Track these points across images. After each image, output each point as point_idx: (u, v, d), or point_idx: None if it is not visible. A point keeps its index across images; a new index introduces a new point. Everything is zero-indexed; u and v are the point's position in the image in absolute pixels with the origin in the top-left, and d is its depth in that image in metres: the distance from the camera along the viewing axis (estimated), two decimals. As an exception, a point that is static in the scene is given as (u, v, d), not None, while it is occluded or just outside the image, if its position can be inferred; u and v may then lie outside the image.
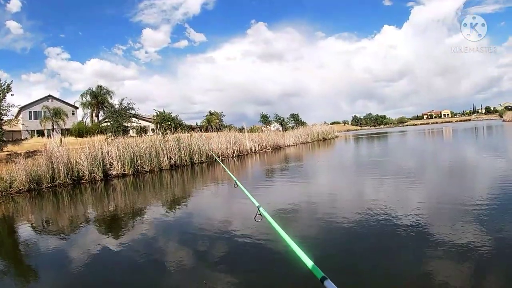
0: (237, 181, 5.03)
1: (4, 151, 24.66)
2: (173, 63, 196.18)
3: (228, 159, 30.15)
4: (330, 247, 6.60)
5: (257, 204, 3.11)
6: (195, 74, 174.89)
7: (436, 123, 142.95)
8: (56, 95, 58.04)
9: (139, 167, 23.67)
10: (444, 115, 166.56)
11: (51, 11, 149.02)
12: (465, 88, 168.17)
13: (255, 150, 36.40)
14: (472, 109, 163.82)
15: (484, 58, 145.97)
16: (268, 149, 38.38)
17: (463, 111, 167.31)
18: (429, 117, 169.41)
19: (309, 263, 2.04)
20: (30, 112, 49.83)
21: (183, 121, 37.40)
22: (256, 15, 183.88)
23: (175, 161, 25.91)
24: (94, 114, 56.20)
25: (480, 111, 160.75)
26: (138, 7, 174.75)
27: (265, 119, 59.57)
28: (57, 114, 47.49)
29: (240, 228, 8.30)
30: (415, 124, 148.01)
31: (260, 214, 2.97)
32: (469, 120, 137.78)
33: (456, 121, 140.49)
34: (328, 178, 16.63)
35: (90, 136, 30.74)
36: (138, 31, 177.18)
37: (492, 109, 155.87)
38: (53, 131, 47.11)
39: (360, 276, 5.30)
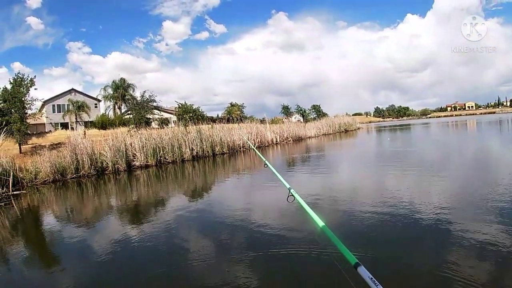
0: (268, 163, 4.78)
1: (28, 144, 24.96)
2: (194, 54, 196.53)
3: (249, 150, 29.90)
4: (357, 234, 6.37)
5: (288, 186, 2.98)
6: (216, 65, 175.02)
7: (460, 115, 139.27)
8: (79, 89, 58.92)
9: (161, 158, 23.63)
10: (468, 107, 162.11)
11: (70, 6, 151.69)
12: (490, 79, 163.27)
13: (277, 141, 36.04)
14: (496, 101, 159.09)
15: (509, 47, 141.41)
16: (290, 141, 37.98)
17: (488, 103, 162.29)
18: (453, 109, 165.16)
19: (342, 248, 1.88)
20: (53, 105, 50.58)
21: (204, 113, 37.17)
22: (277, 5, 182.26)
23: (197, 152, 25.78)
24: (116, 107, 56.80)
25: (505, 103, 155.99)
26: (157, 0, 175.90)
27: (286, 111, 58.94)
28: (80, 107, 48.09)
29: (265, 216, 7.99)
30: (439, 116, 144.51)
31: (292, 195, 2.83)
32: (494, 112, 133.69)
33: (481, 113, 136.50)
34: (351, 168, 16.25)
35: (113, 128, 30.92)
36: (158, 24, 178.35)
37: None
38: (76, 123, 47.76)
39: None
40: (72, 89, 53.76)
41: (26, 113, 23.38)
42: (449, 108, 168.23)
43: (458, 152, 18.96)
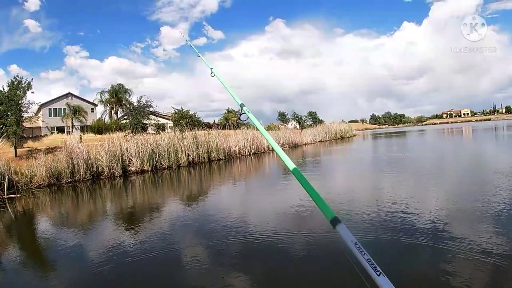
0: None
1: (24, 147, 24.89)
2: (191, 60, 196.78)
3: (245, 157, 29.96)
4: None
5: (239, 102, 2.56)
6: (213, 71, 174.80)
7: (456, 122, 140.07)
8: (75, 93, 58.88)
9: (157, 164, 23.65)
10: (464, 114, 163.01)
11: (69, 9, 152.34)
12: (485, 87, 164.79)
13: (273, 148, 36.05)
14: (492, 108, 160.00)
15: (505, 54, 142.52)
16: (286, 147, 38.07)
17: (483, 111, 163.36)
18: (448, 116, 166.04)
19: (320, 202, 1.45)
20: (50, 109, 50.50)
21: (201, 119, 37.23)
22: (274, 12, 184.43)
23: (193, 158, 25.80)
24: (113, 112, 56.75)
25: (500, 110, 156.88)
26: (155, 5, 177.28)
27: (282, 117, 59.12)
28: (76, 111, 48.06)
29: (261, 223, 8.10)
30: (434, 123, 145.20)
31: (245, 113, 2.41)
32: (489, 119, 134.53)
33: (476, 120, 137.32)
34: (344, 172, 16.34)
35: (109, 133, 30.91)
36: (156, 29, 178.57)
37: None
38: (72, 127, 47.70)
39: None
40: (69, 93, 53.74)
41: (23, 116, 23.38)
42: (444, 115, 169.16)
43: (451, 158, 19.06)
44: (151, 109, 32.12)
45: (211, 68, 3.05)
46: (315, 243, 6.56)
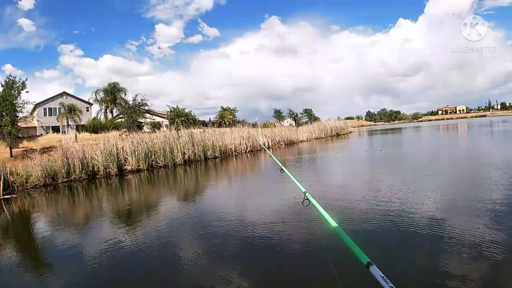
0: (284, 168, 4.79)
1: (19, 147, 24.81)
2: (187, 58, 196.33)
3: (241, 154, 30.03)
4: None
5: (303, 190, 2.99)
6: (208, 69, 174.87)
7: (451, 118, 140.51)
8: (70, 92, 58.40)
9: (153, 162, 23.70)
10: (459, 110, 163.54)
11: (63, 8, 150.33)
12: (481, 83, 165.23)
13: (269, 145, 36.21)
14: (487, 105, 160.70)
15: (500, 52, 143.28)
16: (281, 145, 38.17)
17: (479, 107, 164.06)
18: (444, 112, 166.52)
19: (354, 247, 1.90)
20: (45, 108, 50.32)
21: (196, 117, 37.19)
22: (270, 9, 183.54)
23: (188, 156, 25.86)
24: (108, 110, 56.65)
25: (495, 107, 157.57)
26: (150, 2, 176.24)
27: (278, 115, 59.14)
28: (71, 110, 47.91)
29: (257, 220, 8.17)
30: (430, 120, 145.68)
31: (308, 199, 2.82)
32: (485, 116, 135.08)
33: (471, 116, 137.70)
34: (339, 168, 16.44)
35: (105, 132, 30.88)
36: (151, 27, 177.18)
37: (508, 105, 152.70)
38: (68, 127, 47.56)
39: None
40: (64, 92, 53.52)
41: (17, 116, 23.28)
42: (440, 112, 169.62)
43: (446, 153, 19.17)
44: (146, 107, 32.06)
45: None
46: (309, 240, 6.66)
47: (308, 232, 7.11)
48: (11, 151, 22.35)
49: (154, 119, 34.88)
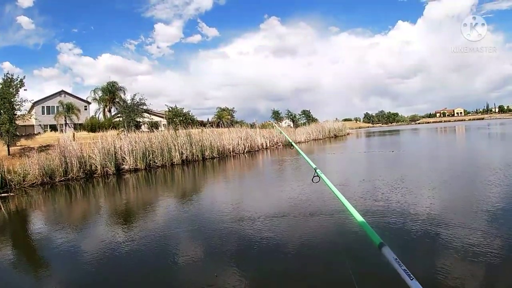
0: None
1: (17, 146, 24.78)
2: (186, 58, 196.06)
3: (239, 155, 30.04)
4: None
5: (314, 166, 2.92)
6: (207, 69, 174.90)
7: (449, 121, 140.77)
8: (69, 90, 58.44)
9: (151, 162, 23.68)
10: (457, 113, 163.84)
11: (62, 6, 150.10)
12: (479, 86, 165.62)
13: (266, 146, 36.22)
14: (485, 108, 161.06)
15: (499, 54, 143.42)
16: (279, 145, 38.19)
17: (477, 110, 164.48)
18: (442, 115, 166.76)
19: (367, 228, 1.86)
20: (43, 107, 50.29)
21: (194, 117, 37.24)
22: (269, 10, 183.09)
23: (186, 156, 25.85)
24: (106, 109, 56.54)
25: (493, 109, 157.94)
26: (150, 2, 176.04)
27: (276, 115, 59.32)
28: (70, 109, 47.86)
29: (249, 222, 8.21)
30: (428, 122, 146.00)
31: (318, 176, 2.79)
32: (482, 119, 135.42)
33: (469, 119, 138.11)
34: (336, 167, 16.50)
35: (103, 131, 30.87)
36: (150, 26, 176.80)
37: (505, 108, 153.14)
38: (66, 125, 47.52)
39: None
40: (62, 90, 53.50)
41: (15, 114, 23.25)
42: (438, 114, 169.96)
43: (444, 154, 19.25)
44: (144, 107, 32.11)
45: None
46: (309, 244, 6.69)
47: (309, 228, 7.15)
48: (8, 149, 22.33)
49: (152, 118, 34.91)
